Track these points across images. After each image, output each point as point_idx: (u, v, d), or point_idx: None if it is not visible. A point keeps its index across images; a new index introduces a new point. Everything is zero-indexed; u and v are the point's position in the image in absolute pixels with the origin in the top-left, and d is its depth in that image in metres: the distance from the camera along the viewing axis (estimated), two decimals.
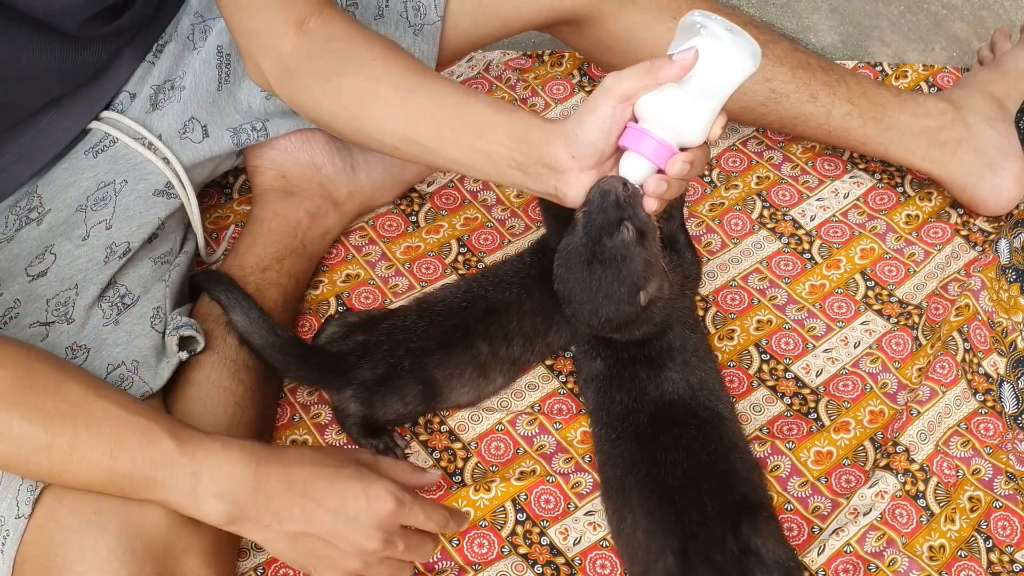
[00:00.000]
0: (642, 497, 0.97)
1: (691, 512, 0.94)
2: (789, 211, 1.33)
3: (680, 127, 0.89)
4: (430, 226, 1.31)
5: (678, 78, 0.86)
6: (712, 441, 1.00)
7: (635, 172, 0.90)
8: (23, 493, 0.87)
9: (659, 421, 1.01)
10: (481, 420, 1.12)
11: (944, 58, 1.56)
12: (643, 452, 0.99)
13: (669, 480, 0.96)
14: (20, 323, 0.96)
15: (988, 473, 1.07)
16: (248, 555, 1.02)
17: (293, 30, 0.99)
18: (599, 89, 0.89)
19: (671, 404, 1.02)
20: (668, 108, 0.88)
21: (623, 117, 0.89)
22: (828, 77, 1.26)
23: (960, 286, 1.22)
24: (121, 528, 0.86)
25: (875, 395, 1.14)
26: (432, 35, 1.19)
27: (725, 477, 0.97)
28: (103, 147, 1.10)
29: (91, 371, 0.95)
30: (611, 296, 0.96)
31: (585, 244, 0.94)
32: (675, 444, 0.99)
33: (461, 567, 1.02)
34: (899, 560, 1.00)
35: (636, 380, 1.03)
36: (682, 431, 1.00)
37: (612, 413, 1.03)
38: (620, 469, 1.00)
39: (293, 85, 1.01)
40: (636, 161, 0.90)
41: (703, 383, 1.04)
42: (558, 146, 0.91)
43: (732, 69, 0.88)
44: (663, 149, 0.89)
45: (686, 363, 1.04)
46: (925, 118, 1.26)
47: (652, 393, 1.02)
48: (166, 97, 1.13)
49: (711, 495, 0.95)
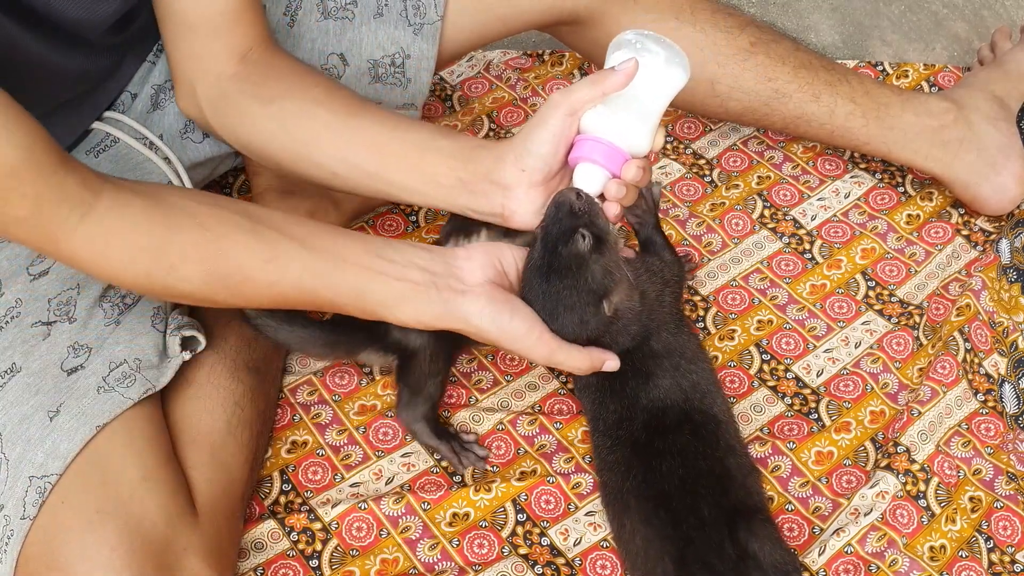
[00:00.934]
0: (639, 503, 0.97)
1: (688, 518, 0.94)
2: (790, 211, 1.32)
3: (627, 136, 0.92)
4: (430, 226, 1.31)
5: (622, 87, 0.89)
6: (708, 445, 0.99)
7: (591, 181, 0.93)
8: (31, 494, 0.88)
9: (653, 428, 1.00)
10: (482, 420, 1.12)
11: (945, 58, 1.56)
12: (639, 459, 0.99)
13: (665, 486, 0.96)
14: (22, 322, 0.96)
15: (989, 473, 1.07)
16: (248, 555, 1.02)
17: (236, 58, 1.00)
18: (547, 104, 0.92)
19: (664, 410, 1.01)
20: (614, 119, 0.92)
21: (571, 130, 0.92)
22: (831, 77, 1.25)
23: (961, 286, 1.22)
24: (122, 527, 0.87)
25: (876, 395, 1.14)
26: (432, 34, 1.19)
27: (721, 481, 0.97)
28: (104, 147, 1.10)
29: (93, 370, 0.95)
30: (571, 306, 0.94)
31: (542, 256, 0.93)
32: (670, 450, 0.98)
33: (461, 567, 1.02)
34: (900, 560, 1.00)
35: (627, 389, 1.02)
36: (676, 437, 0.99)
37: (607, 421, 1.03)
38: (618, 475, 1.00)
39: (227, 109, 1.01)
40: (590, 170, 0.92)
41: (696, 386, 1.03)
42: (507, 161, 0.92)
43: (668, 79, 0.92)
44: (616, 154, 0.92)
45: (675, 367, 1.03)
46: (928, 117, 1.26)
47: (643, 401, 1.01)
48: (167, 97, 1.13)
49: (707, 500, 0.95)
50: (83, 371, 0.95)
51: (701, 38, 1.21)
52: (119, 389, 0.94)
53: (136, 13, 1.03)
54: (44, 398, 0.92)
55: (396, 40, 1.18)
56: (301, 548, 1.03)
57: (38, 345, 0.96)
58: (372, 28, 1.17)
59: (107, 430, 0.92)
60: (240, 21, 1.00)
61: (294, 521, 1.04)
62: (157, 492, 0.91)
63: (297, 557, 1.02)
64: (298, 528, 1.04)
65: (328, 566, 1.02)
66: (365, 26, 1.17)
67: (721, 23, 1.22)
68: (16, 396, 0.93)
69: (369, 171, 0.97)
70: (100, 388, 0.94)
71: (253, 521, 1.04)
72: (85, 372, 0.95)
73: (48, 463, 0.89)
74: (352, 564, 1.02)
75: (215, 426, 1.00)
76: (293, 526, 1.04)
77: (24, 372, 0.94)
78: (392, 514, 1.04)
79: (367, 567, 1.02)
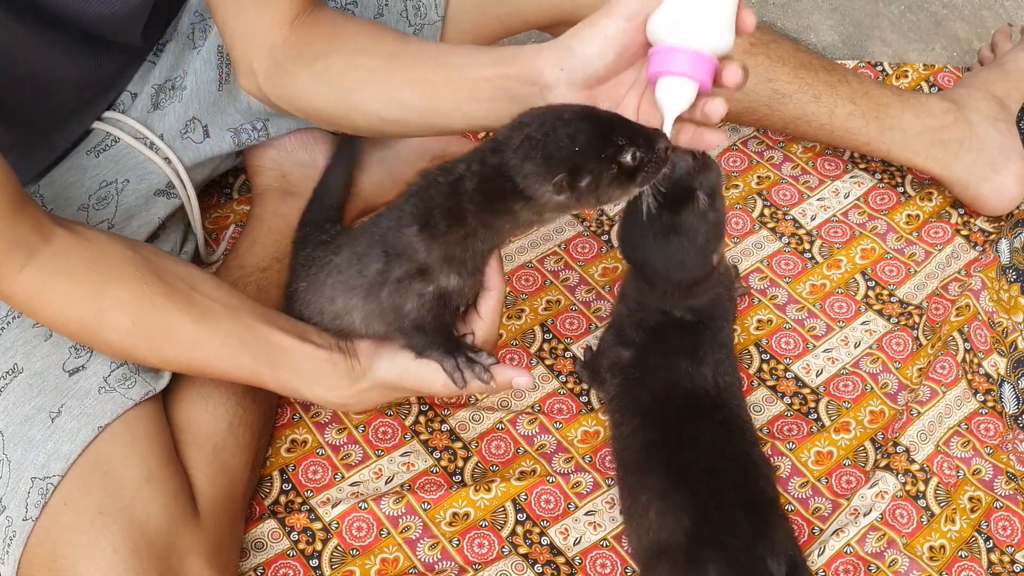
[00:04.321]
0: (660, 480, 0.98)
1: (708, 499, 0.95)
2: (790, 211, 1.33)
3: (707, 35, 0.79)
4: None
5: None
6: (735, 437, 1.02)
7: (677, 96, 0.80)
8: (33, 495, 0.88)
9: (686, 413, 1.02)
10: (482, 420, 1.12)
11: (944, 58, 1.56)
12: (667, 442, 1.00)
13: (691, 468, 0.98)
14: (24, 322, 0.96)
15: (988, 473, 1.07)
16: (248, 555, 1.02)
17: (285, 25, 0.98)
18: (603, 8, 0.82)
19: (700, 398, 1.04)
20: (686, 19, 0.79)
21: (627, 38, 0.81)
22: (831, 77, 1.26)
23: (961, 286, 1.23)
24: (125, 528, 0.87)
25: (875, 395, 1.15)
26: (433, 35, 1.19)
27: (745, 469, 0.99)
28: (105, 147, 1.10)
29: (94, 371, 0.95)
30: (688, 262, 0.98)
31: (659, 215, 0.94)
32: (700, 437, 1.00)
33: (461, 567, 1.02)
34: (899, 560, 1.00)
35: (670, 370, 1.05)
36: (706, 425, 1.01)
37: (640, 401, 1.04)
38: (640, 455, 1.02)
39: (281, 78, 1.00)
40: (675, 84, 0.80)
41: (729, 387, 1.06)
42: (545, 59, 0.84)
43: None
44: (701, 60, 0.79)
45: (719, 362, 1.06)
46: (928, 118, 1.26)
47: (684, 384, 1.04)
48: (167, 97, 1.13)
49: (732, 486, 0.97)
50: (84, 372, 0.95)
51: None
52: (120, 390, 0.94)
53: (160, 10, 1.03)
54: (46, 399, 0.93)
55: None
56: (301, 548, 1.03)
57: (40, 346, 0.96)
58: None
59: (109, 431, 0.92)
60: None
61: (294, 521, 1.04)
62: (159, 493, 0.91)
63: (297, 557, 1.02)
64: (298, 528, 1.04)
65: (328, 566, 1.02)
66: None
67: None
68: (18, 397, 0.93)
69: (415, 105, 0.93)
70: (101, 389, 0.94)
71: (253, 521, 1.04)
72: (86, 373, 0.95)
73: (50, 464, 0.89)
74: (352, 564, 1.02)
75: (217, 427, 1.00)
76: (293, 526, 1.04)
77: (26, 373, 0.94)
78: (392, 514, 1.04)
79: (367, 567, 1.02)
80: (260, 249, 1.17)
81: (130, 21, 1.02)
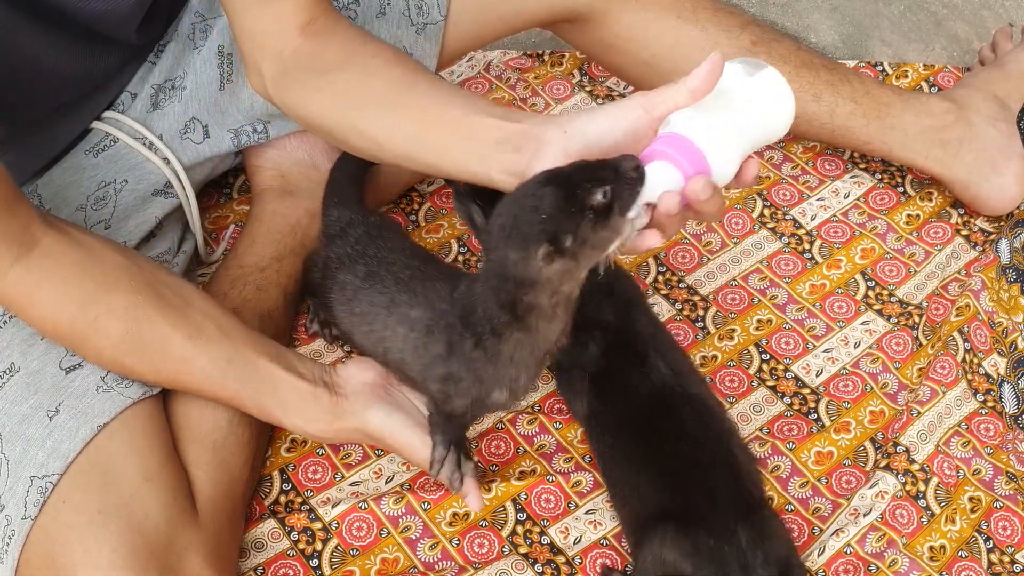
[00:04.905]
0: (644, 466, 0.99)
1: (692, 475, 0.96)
2: (790, 211, 1.33)
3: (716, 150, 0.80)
4: (430, 225, 1.30)
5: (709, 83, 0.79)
6: (710, 420, 1.01)
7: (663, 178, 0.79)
8: (32, 494, 0.88)
9: (655, 412, 1.01)
10: (482, 420, 1.12)
11: (944, 58, 1.56)
12: (647, 445, 1.00)
13: (673, 454, 0.98)
14: (19, 321, 0.96)
15: (988, 473, 1.07)
16: (248, 555, 1.02)
17: (298, 31, 0.98)
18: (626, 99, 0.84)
19: (661, 393, 1.02)
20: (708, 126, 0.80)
21: (639, 126, 0.83)
22: (832, 77, 1.25)
23: (960, 286, 1.23)
24: (124, 527, 0.87)
25: (875, 395, 1.15)
26: (435, 34, 1.19)
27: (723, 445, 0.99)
28: (103, 147, 1.10)
29: (92, 368, 0.95)
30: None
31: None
32: (674, 430, 1.00)
33: (461, 567, 1.02)
34: (899, 561, 1.00)
35: (625, 380, 1.03)
36: (679, 416, 1.01)
37: (606, 420, 1.04)
38: (622, 460, 1.02)
39: (288, 83, 0.99)
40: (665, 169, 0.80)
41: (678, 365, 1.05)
42: (555, 120, 0.85)
43: (778, 113, 0.84)
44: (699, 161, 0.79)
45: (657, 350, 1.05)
46: (928, 118, 1.26)
47: (643, 388, 1.03)
48: (167, 97, 1.13)
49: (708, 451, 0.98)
50: (81, 370, 0.95)
51: (702, 37, 1.21)
52: (118, 388, 0.94)
53: (159, 8, 1.03)
54: (43, 397, 0.92)
55: (399, 39, 1.18)
56: (301, 548, 1.03)
57: (36, 344, 0.95)
58: (374, 28, 1.17)
59: (108, 429, 0.92)
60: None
61: (294, 521, 1.04)
62: (159, 492, 0.91)
63: (297, 556, 1.02)
64: (298, 528, 1.04)
65: (328, 565, 1.02)
66: (368, 25, 1.17)
67: (722, 22, 1.22)
68: (15, 396, 0.92)
69: (409, 134, 0.92)
70: (99, 387, 0.94)
71: (253, 521, 1.04)
72: (83, 371, 0.94)
73: (49, 463, 0.89)
74: (352, 563, 1.02)
75: (217, 424, 1.00)
76: (293, 526, 1.04)
77: (23, 371, 0.94)
78: (392, 514, 1.04)
79: (367, 566, 1.02)
80: (259, 249, 1.17)
81: (126, 19, 1.01)
